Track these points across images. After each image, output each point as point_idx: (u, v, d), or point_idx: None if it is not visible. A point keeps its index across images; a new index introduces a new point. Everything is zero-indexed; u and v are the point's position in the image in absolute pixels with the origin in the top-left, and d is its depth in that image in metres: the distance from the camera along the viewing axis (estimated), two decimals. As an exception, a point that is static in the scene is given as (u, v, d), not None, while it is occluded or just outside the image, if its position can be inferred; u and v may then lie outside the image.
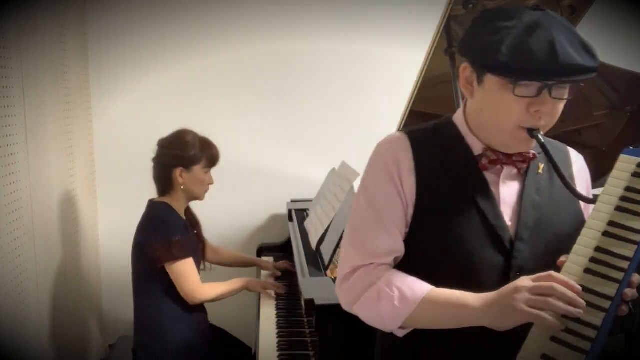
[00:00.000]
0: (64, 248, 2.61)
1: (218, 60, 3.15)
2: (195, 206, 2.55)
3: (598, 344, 1.03)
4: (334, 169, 2.78)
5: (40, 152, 2.34)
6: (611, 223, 1.13)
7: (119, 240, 2.35)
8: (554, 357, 1.04)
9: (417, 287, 1.22)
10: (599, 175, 1.67)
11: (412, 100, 2.29)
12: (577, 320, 1.06)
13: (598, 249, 1.11)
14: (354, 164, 2.48)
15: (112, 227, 3.14)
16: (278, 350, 2.05)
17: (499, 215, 1.25)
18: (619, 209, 1.13)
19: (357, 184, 1.47)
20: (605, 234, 1.12)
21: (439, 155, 1.29)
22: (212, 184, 2.47)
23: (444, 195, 1.26)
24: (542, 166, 1.30)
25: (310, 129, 3.21)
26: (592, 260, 1.11)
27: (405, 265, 1.28)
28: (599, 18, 2.81)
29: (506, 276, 1.22)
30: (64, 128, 2.66)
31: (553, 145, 1.32)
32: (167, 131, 2.43)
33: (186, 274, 2.30)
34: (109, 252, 3.15)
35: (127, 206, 2.42)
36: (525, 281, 1.09)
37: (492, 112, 1.22)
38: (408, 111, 2.33)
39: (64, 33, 2.71)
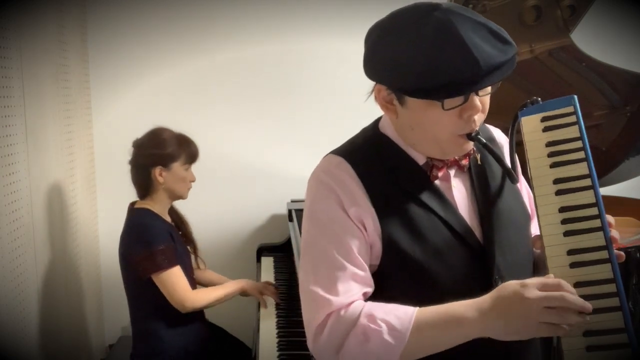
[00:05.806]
0: (64, 248, 2.61)
1: (218, 60, 3.15)
2: (195, 206, 2.54)
3: (622, 294, 1.04)
4: (334, 169, 2.78)
5: (40, 152, 2.34)
6: (556, 180, 1.13)
7: (119, 240, 2.35)
8: (595, 328, 1.03)
9: (403, 314, 1.10)
10: (599, 175, 1.67)
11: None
12: (591, 282, 1.05)
13: (562, 209, 1.12)
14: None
15: (112, 227, 3.12)
16: (278, 350, 2.05)
17: (463, 223, 1.20)
18: (553, 165, 1.15)
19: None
20: (558, 192, 1.13)
21: (386, 174, 1.21)
22: (193, 181, 2.37)
23: (407, 217, 1.18)
24: (479, 156, 1.24)
25: (310, 129, 3.20)
26: (564, 222, 1.11)
27: (382, 295, 1.17)
28: (599, 18, 2.82)
29: (488, 283, 1.16)
30: (64, 128, 2.66)
31: (481, 131, 1.23)
32: (167, 131, 2.40)
33: (173, 283, 2.21)
34: (109, 252, 3.14)
35: (127, 206, 2.41)
36: (532, 291, 1.01)
37: (425, 129, 1.16)
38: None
39: (64, 33, 2.71)
